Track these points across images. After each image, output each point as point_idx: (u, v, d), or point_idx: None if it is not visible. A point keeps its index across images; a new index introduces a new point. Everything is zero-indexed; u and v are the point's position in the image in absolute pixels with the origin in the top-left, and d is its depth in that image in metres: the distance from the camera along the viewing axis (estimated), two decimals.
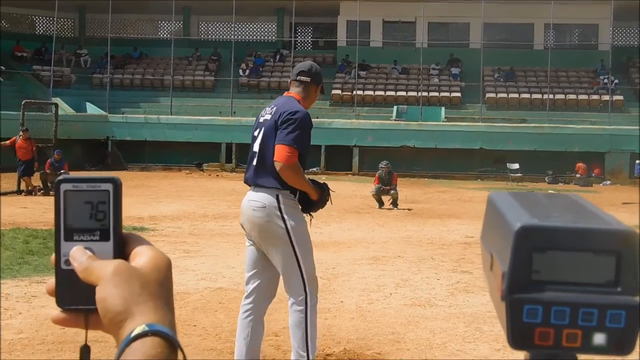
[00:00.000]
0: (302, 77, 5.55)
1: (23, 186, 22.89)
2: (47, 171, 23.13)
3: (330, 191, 5.57)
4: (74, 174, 1.02)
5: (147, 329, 0.89)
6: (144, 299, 0.92)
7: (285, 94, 5.66)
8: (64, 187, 1.00)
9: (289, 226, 5.23)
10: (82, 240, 1.00)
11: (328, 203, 5.54)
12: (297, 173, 5.20)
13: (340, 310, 8.11)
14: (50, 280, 1.01)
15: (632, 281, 0.76)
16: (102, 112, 38.34)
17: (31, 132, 24.93)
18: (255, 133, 5.44)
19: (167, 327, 0.91)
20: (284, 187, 5.24)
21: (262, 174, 5.29)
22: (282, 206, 5.23)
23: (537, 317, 0.76)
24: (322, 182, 5.60)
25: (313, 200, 5.38)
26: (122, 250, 1.00)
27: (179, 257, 11.23)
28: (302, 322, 5.31)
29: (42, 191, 22.74)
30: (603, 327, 0.76)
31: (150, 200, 20.61)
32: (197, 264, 10.85)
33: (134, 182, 26.50)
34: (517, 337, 0.77)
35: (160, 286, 0.95)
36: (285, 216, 5.23)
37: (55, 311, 1.01)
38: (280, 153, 5.16)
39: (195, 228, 15.24)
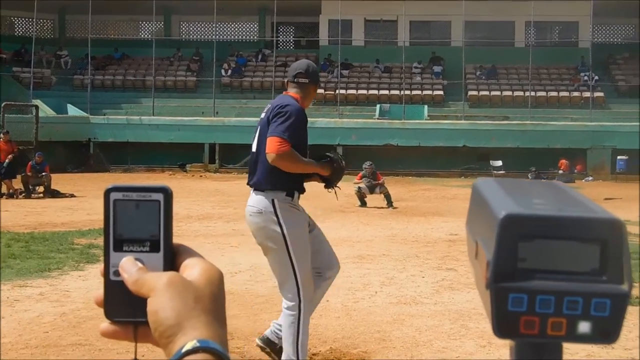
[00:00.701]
0: (301, 79, 5.53)
1: (4, 189, 22.74)
2: (29, 174, 23.00)
3: (339, 157, 5.57)
4: (124, 183, 1.00)
5: (198, 344, 0.87)
6: (196, 313, 0.90)
7: (284, 93, 5.61)
8: (114, 196, 0.97)
9: (285, 231, 5.20)
10: (131, 251, 0.97)
11: (343, 168, 5.53)
12: (293, 159, 5.12)
13: (326, 309, 8.09)
14: (99, 291, 0.99)
15: (617, 270, 0.76)
16: (84, 114, 38.19)
17: (12, 134, 24.80)
18: (254, 135, 5.45)
19: (218, 344, 0.89)
20: (280, 188, 5.21)
21: (257, 175, 5.27)
22: (277, 211, 5.19)
23: (523, 305, 0.75)
24: (328, 153, 5.55)
25: (327, 175, 5.36)
26: (173, 261, 0.98)
27: None
28: (294, 327, 5.32)
29: (23, 194, 22.61)
30: (588, 315, 0.75)
31: None
32: None
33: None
34: (502, 326, 0.77)
35: (213, 300, 0.93)
36: (282, 221, 5.19)
37: (104, 323, 0.98)
38: (270, 144, 5.11)
39: (179, 229, 15.20)
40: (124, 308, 0.96)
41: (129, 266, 0.96)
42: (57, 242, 12.70)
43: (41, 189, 23.17)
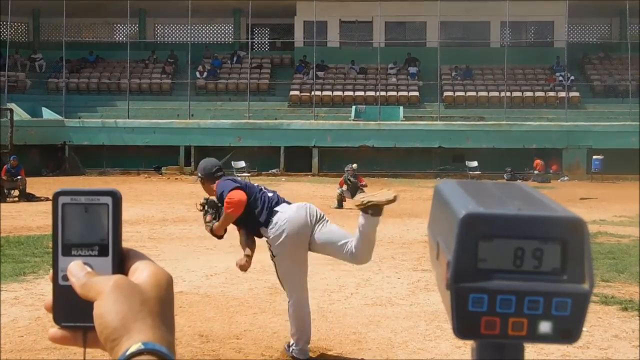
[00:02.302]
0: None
1: None
2: (4, 177, 22.84)
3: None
4: (69, 187, 0.98)
5: (143, 347, 0.86)
6: (142, 316, 0.89)
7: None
8: (62, 200, 0.97)
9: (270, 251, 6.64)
10: (80, 255, 0.96)
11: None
12: None
13: None
14: (49, 297, 0.98)
15: (578, 269, 0.76)
16: (59, 117, 37.96)
17: None
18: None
19: (165, 347, 0.87)
20: None
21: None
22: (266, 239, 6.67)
23: (483, 305, 0.75)
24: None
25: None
26: (122, 265, 0.96)
27: None
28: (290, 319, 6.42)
29: None
30: (549, 315, 0.75)
31: None
32: None
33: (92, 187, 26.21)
34: (463, 326, 0.76)
35: (160, 304, 0.91)
36: (268, 244, 6.67)
37: (53, 328, 0.97)
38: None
39: (155, 232, 15.14)
40: (73, 313, 0.95)
41: (76, 270, 0.95)
42: (32, 246, 12.62)
43: (16, 192, 23.02)
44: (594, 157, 34.42)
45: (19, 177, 22.99)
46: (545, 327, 0.75)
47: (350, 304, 8.56)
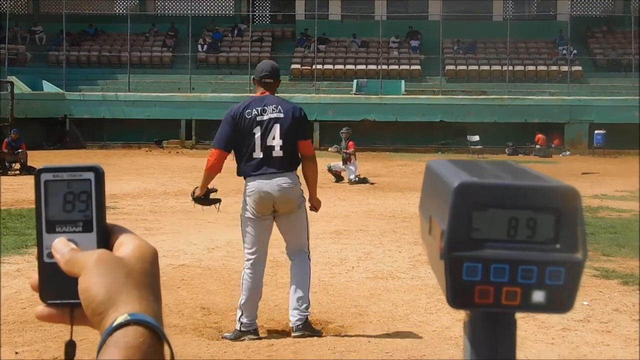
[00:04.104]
0: (269, 80, 6.57)
1: None
2: (5, 151, 22.85)
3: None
4: (55, 163, 0.98)
5: (129, 318, 0.86)
6: (127, 288, 0.89)
7: (265, 93, 6.54)
8: (44, 177, 0.96)
9: (304, 199, 6.55)
10: (64, 232, 0.96)
11: None
12: (317, 163, 6.70)
13: None
14: (34, 275, 0.97)
15: (572, 238, 0.76)
16: (59, 90, 37.87)
17: None
18: (257, 130, 6.34)
19: (151, 317, 0.87)
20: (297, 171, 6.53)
21: (287, 163, 6.36)
22: (301, 187, 6.52)
23: (477, 274, 0.75)
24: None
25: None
26: (107, 241, 0.96)
27: (140, 235, 11.13)
28: (309, 274, 6.51)
29: None
30: (542, 284, 0.75)
31: (110, 178, 20.26)
32: (159, 242, 10.79)
33: (93, 161, 26.08)
34: (457, 296, 0.76)
35: (145, 276, 0.92)
36: (302, 191, 6.52)
37: (40, 306, 0.97)
38: (309, 147, 6.58)
39: (156, 205, 15.17)
40: (59, 290, 0.95)
41: (61, 247, 0.95)
42: (34, 218, 12.58)
43: (17, 165, 23.04)
44: (596, 131, 34.33)
45: (19, 150, 22.99)
46: (538, 296, 0.75)
47: (351, 277, 8.60)
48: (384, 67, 40.44)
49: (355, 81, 39.51)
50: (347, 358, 5.74)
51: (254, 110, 6.40)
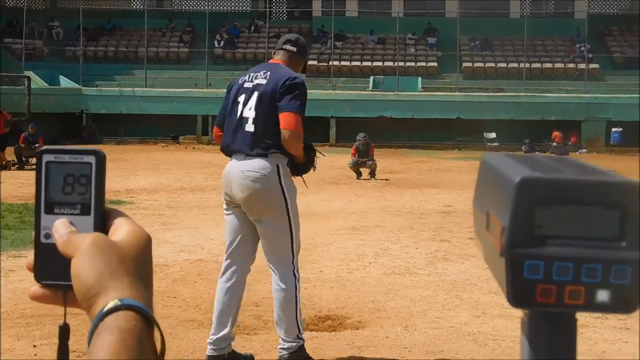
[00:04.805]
0: (288, 46, 5.49)
1: None
2: (22, 145, 22.93)
3: (318, 153, 5.42)
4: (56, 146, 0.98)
5: (119, 303, 0.86)
6: (119, 273, 0.89)
7: (270, 61, 5.52)
8: (46, 157, 0.97)
9: (287, 198, 5.09)
10: (62, 214, 0.97)
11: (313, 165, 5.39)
12: (301, 141, 5.06)
13: (320, 279, 8.11)
14: (31, 256, 0.98)
15: (638, 236, 0.73)
16: (76, 85, 37.97)
17: (4, 106, 24.68)
18: (241, 98, 5.21)
19: (142, 303, 0.87)
20: (284, 156, 5.07)
21: (259, 141, 5.06)
22: (281, 176, 5.06)
23: (539, 273, 0.73)
24: (316, 151, 5.45)
25: (300, 162, 5.22)
26: (104, 225, 0.96)
27: (157, 230, 11.18)
28: (294, 300, 5.20)
29: (16, 165, 22.56)
30: (607, 283, 0.73)
31: (127, 173, 20.47)
32: (176, 237, 10.81)
33: (110, 156, 25.79)
34: (518, 294, 0.74)
35: (138, 262, 0.92)
36: (285, 187, 5.07)
37: (34, 286, 0.97)
38: (289, 120, 5.02)
39: (173, 201, 15.18)
40: (55, 271, 0.95)
41: (61, 227, 0.95)
42: None
43: (34, 160, 23.08)
44: (613, 129, 34.15)
45: (37, 144, 23.06)
46: (603, 295, 0.73)
47: (368, 273, 8.57)
48: (401, 63, 40.35)
49: (372, 78, 39.44)
50: (365, 353, 5.72)
51: (247, 76, 5.34)
